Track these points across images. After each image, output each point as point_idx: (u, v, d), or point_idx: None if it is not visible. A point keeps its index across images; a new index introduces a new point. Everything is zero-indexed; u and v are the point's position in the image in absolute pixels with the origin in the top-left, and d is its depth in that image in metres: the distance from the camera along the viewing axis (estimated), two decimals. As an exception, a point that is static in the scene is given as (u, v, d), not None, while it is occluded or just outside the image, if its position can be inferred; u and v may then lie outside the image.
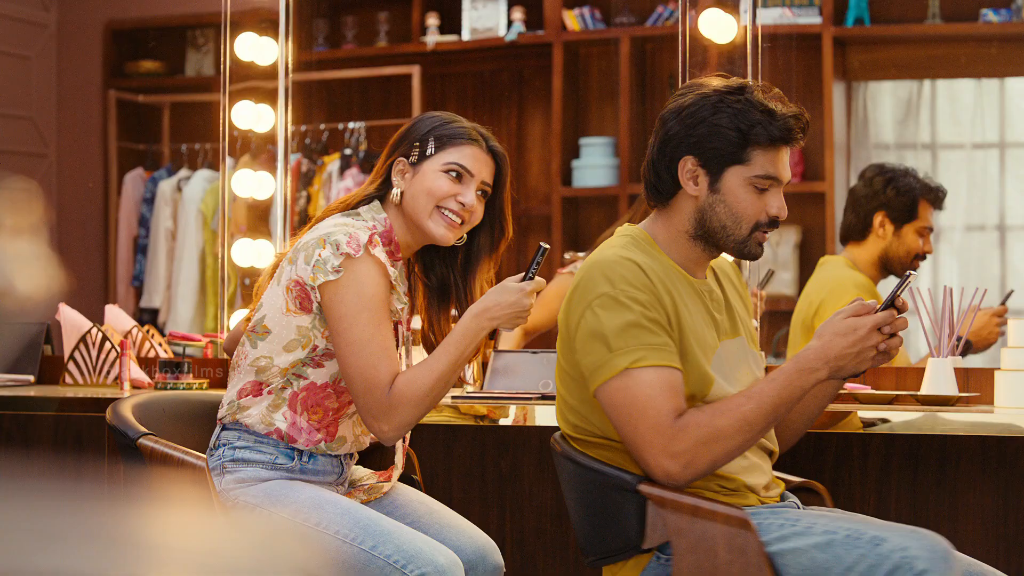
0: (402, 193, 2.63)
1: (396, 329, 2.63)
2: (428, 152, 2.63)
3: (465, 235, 2.68)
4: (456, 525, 2.63)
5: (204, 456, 2.55)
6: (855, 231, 3.81)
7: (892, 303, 2.29)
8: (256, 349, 2.59)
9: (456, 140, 2.63)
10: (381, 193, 2.66)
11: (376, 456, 2.83)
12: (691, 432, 2.26)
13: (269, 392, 2.57)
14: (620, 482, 2.34)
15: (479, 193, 2.65)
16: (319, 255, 2.51)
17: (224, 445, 2.58)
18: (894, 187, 3.75)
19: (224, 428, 2.60)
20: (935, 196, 3.82)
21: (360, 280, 2.50)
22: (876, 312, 2.29)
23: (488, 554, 2.60)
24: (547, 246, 2.55)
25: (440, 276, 2.73)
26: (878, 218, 3.76)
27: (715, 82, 2.42)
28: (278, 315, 2.57)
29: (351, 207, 2.65)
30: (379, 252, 2.53)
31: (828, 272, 3.85)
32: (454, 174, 2.62)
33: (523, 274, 2.56)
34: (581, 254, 4.14)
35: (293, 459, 2.57)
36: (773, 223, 2.40)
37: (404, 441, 2.71)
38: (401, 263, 2.66)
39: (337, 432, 2.60)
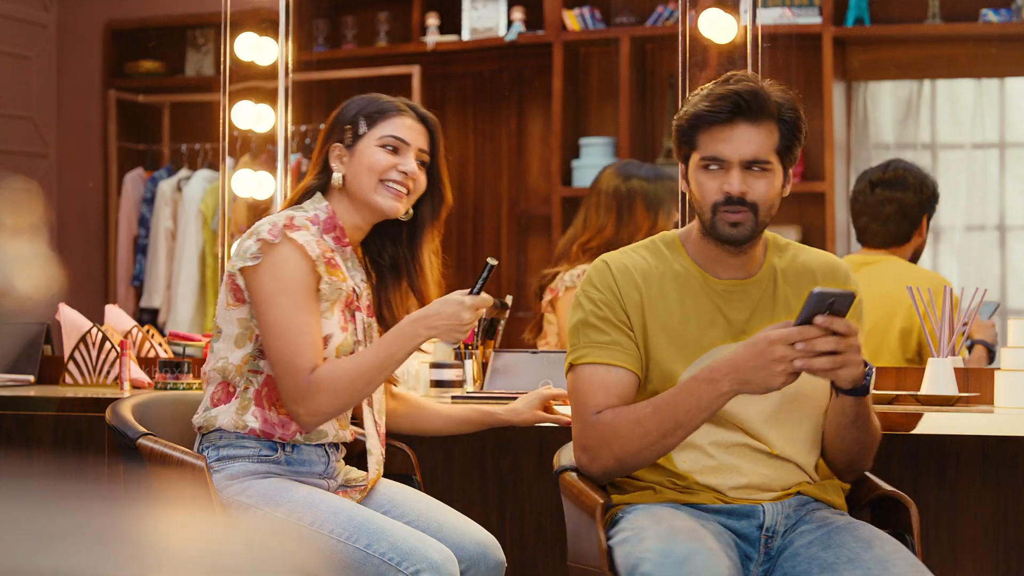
0: (344, 177, 2.68)
1: (354, 317, 2.64)
2: (361, 131, 2.68)
3: (412, 210, 2.72)
4: (456, 523, 2.63)
5: (203, 456, 2.56)
6: (901, 237, 3.76)
7: (808, 319, 2.15)
8: (214, 352, 2.64)
9: (386, 114, 2.69)
10: (322, 183, 2.70)
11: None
12: (596, 429, 2.34)
13: (236, 397, 2.60)
14: (557, 469, 2.47)
15: (418, 162, 2.69)
16: (243, 244, 2.57)
17: (207, 447, 2.60)
18: (935, 191, 3.76)
19: (203, 435, 2.63)
20: None
21: (278, 264, 2.53)
22: (791, 327, 2.17)
23: (490, 550, 2.60)
24: (495, 262, 2.59)
25: (391, 255, 2.77)
26: (925, 221, 3.77)
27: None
28: (222, 312, 2.63)
29: (294, 203, 2.69)
30: (300, 236, 2.56)
31: (909, 273, 3.70)
32: (390, 147, 2.67)
33: (470, 289, 2.57)
34: (566, 266, 4.06)
35: (277, 451, 2.59)
36: (732, 201, 2.34)
37: (377, 426, 2.71)
38: (351, 249, 2.68)
39: None
